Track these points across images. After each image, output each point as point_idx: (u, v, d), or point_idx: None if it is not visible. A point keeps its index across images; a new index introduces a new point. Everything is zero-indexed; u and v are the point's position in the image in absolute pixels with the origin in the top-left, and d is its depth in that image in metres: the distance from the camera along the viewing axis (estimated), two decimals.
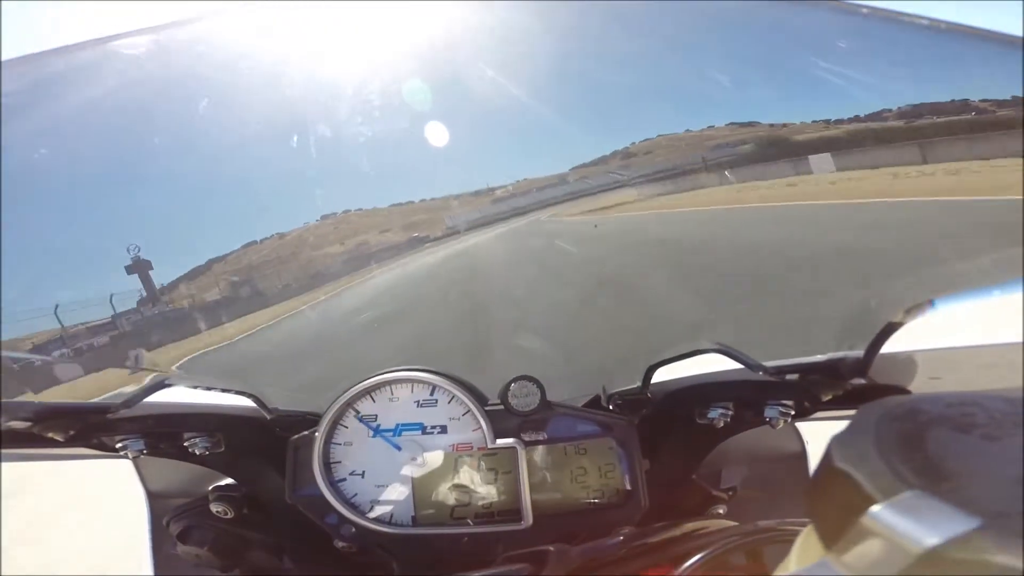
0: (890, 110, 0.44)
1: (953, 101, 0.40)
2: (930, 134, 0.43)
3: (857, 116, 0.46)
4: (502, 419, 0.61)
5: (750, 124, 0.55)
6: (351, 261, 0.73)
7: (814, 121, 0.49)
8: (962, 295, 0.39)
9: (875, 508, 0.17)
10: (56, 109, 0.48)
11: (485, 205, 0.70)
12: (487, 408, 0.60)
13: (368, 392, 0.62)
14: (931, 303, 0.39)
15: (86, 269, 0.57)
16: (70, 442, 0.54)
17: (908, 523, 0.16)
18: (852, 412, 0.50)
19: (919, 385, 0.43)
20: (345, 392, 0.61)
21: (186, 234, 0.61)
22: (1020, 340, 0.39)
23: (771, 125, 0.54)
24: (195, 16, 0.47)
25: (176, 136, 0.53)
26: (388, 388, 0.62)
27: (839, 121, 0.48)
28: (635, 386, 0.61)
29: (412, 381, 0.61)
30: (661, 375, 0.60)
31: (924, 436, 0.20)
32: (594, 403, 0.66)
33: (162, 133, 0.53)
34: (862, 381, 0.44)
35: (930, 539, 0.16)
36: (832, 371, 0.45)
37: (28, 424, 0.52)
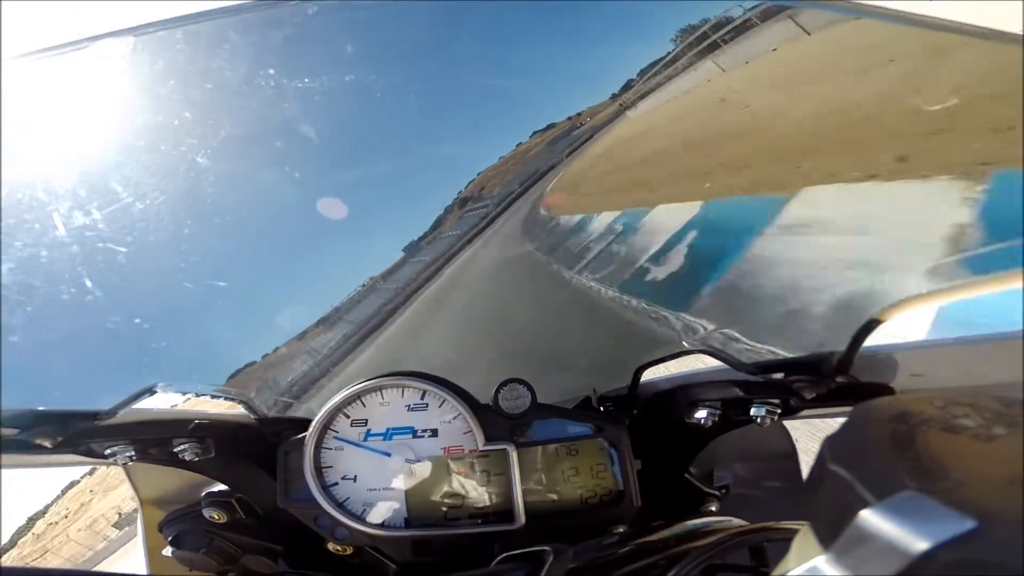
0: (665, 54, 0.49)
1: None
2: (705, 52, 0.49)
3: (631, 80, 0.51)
4: (493, 422, 0.61)
5: (549, 127, 0.61)
6: None
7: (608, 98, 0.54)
8: (945, 291, 0.39)
9: (870, 509, 0.18)
10: None
11: (338, 328, 0.68)
12: (478, 411, 0.61)
13: (358, 397, 0.62)
14: (913, 299, 0.40)
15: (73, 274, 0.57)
16: (58, 448, 0.54)
17: (903, 525, 0.16)
18: (839, 409, 0.50)
19: (901, 382, 0.43)
20: (335, 397, 0.61)
21: None
22: (1002, 335, 0.40)
23: (568, 118, 0.61)
24: None
25: None
26: (378, 393, 0.62)
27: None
28: (624, 387, 0.62)
29: (402, 386, 0.62)
30: (649, 375, 0.61)
31: (917, 436, 0.20)
32: (584, 404, 0.66)
33: None
34: (845, 379, 0.45)
35: (924, 541, 0.16)
36: (815, 369, 0.46)
37: (15, 431, 0.52)
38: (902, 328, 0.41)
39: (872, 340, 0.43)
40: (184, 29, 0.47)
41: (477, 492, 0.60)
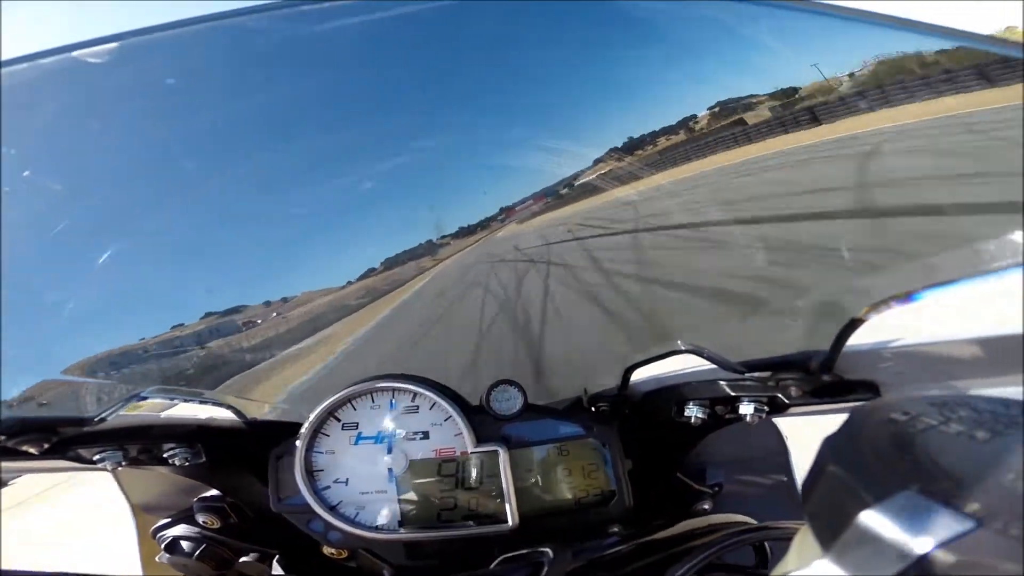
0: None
1: None
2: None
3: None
4: (484, 423, 0.61)
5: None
6: None
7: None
8: (930, 288, 0.39)
9: (869, 510, 0.18)
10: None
11: None
12: (469, 413, 0.61)
13: (349, 400, 0.62)
14: (904, 298, 0.40)
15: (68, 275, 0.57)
16: (45, 455, 0.54)
17: (902, 525, 0.17)
18: (827, 407, 0.50)
19: (885, 379, 0.44)
20: (325, 401, 0.61)
21: None
22: (978, 336, 0.40)
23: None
24: None
25: None
26: (369, 396, 0.62)
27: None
28: (614, 387, 0.62)
29: (392, 388, 0.62)
30: (639, 376, 0.61)
31: (916, 437, 0.20)
32: (575, 405, 0.66)
33: None
34: (830, 377, 0.45)
35: (924, 542, 0.16)
36: (801, 367, 0.46)
37: (1, 438, 0.51)
38: (885, 327, 0.41)
39: (856, 339, 0.43)
40: (181, 30, 0.47)
41: (469, 494, 0.60)
